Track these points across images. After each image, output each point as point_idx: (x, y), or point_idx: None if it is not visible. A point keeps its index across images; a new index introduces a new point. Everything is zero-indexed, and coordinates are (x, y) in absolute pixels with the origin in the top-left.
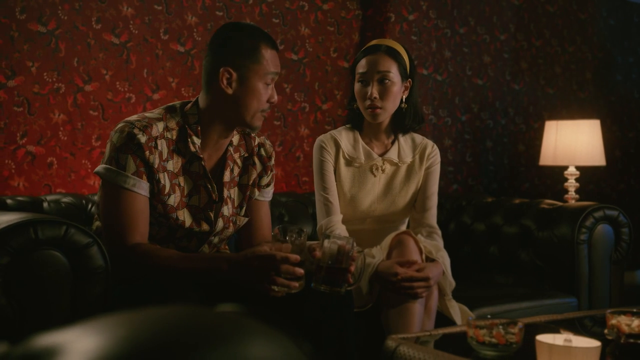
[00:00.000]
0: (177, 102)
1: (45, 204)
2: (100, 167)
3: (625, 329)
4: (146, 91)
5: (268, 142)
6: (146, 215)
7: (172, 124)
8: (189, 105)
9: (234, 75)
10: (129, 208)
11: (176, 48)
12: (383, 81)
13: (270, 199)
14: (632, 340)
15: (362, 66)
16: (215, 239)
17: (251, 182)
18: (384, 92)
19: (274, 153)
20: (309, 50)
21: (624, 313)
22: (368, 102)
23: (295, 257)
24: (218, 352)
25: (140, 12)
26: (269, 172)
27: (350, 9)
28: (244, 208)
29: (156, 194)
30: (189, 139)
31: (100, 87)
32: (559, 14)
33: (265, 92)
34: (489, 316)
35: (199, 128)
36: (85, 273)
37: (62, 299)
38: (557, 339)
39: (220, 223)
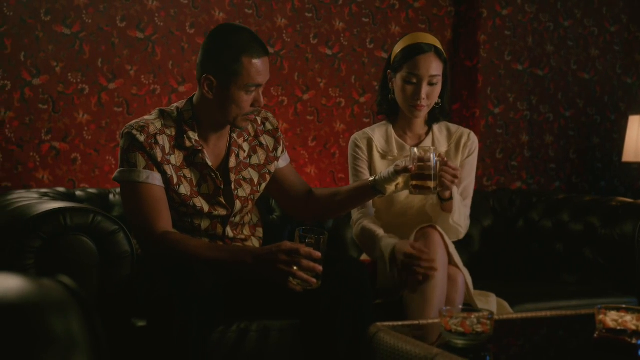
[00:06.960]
0: (172, 105)
1: (111, 196)
2: (115, 173)
3: (611, 324)
4: None
5: (270, 114)
6: (165, 203)
7: (170, 122)
8: (184, 103)
9: (215, 82)
10: (149, 198)
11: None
12: (431, 83)
13: (289, 160)
14: (606, 334)
15: (414, 66)
16: (237, 218)
17: (263, 162)
18: (431, 93)
19: (276, 121)
20: None
21: (617, 309)
22: (416, 102)
23: (317, 254)
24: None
25: (232, 15)
26: (281, 141)
27: (442, 5)
28: (264, 184)
29: (168, 185)
30: (185, 135)
31: (193, 88)
32: None
33: (247, 99)
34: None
35: (194, 123)
36: (112, 257)
37: (91, 281)
38: None
39: (238, 204)
